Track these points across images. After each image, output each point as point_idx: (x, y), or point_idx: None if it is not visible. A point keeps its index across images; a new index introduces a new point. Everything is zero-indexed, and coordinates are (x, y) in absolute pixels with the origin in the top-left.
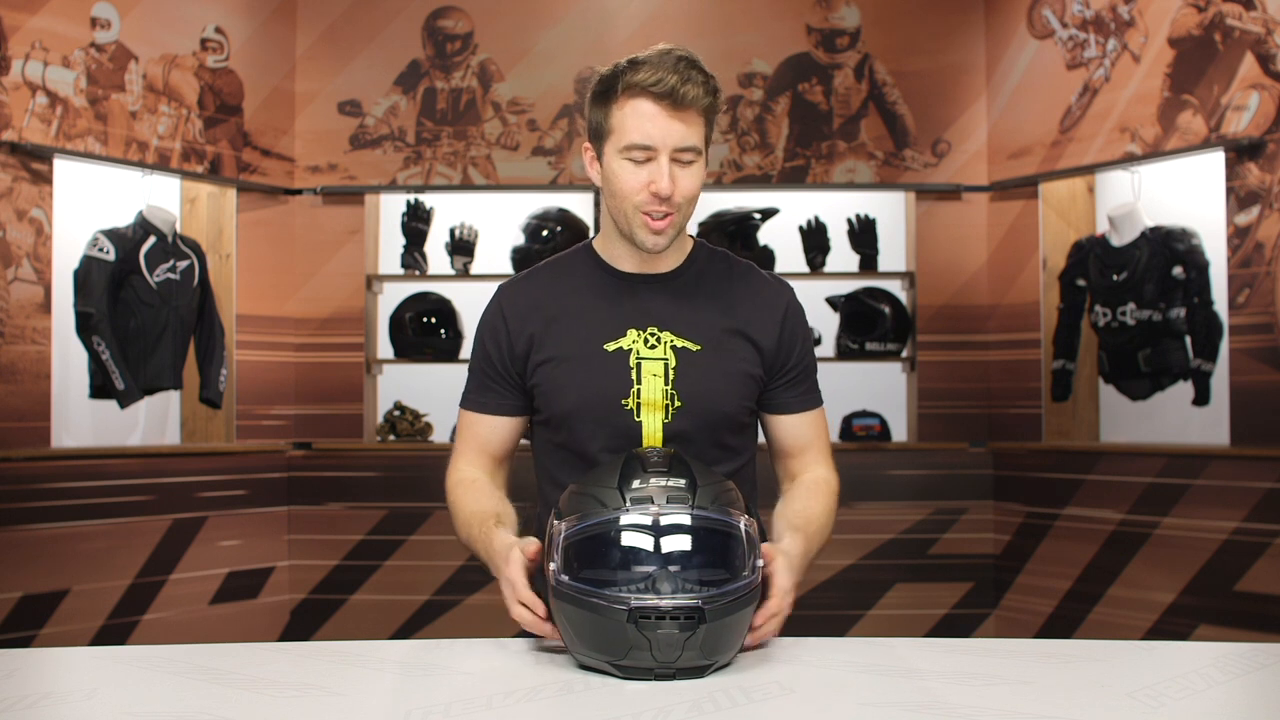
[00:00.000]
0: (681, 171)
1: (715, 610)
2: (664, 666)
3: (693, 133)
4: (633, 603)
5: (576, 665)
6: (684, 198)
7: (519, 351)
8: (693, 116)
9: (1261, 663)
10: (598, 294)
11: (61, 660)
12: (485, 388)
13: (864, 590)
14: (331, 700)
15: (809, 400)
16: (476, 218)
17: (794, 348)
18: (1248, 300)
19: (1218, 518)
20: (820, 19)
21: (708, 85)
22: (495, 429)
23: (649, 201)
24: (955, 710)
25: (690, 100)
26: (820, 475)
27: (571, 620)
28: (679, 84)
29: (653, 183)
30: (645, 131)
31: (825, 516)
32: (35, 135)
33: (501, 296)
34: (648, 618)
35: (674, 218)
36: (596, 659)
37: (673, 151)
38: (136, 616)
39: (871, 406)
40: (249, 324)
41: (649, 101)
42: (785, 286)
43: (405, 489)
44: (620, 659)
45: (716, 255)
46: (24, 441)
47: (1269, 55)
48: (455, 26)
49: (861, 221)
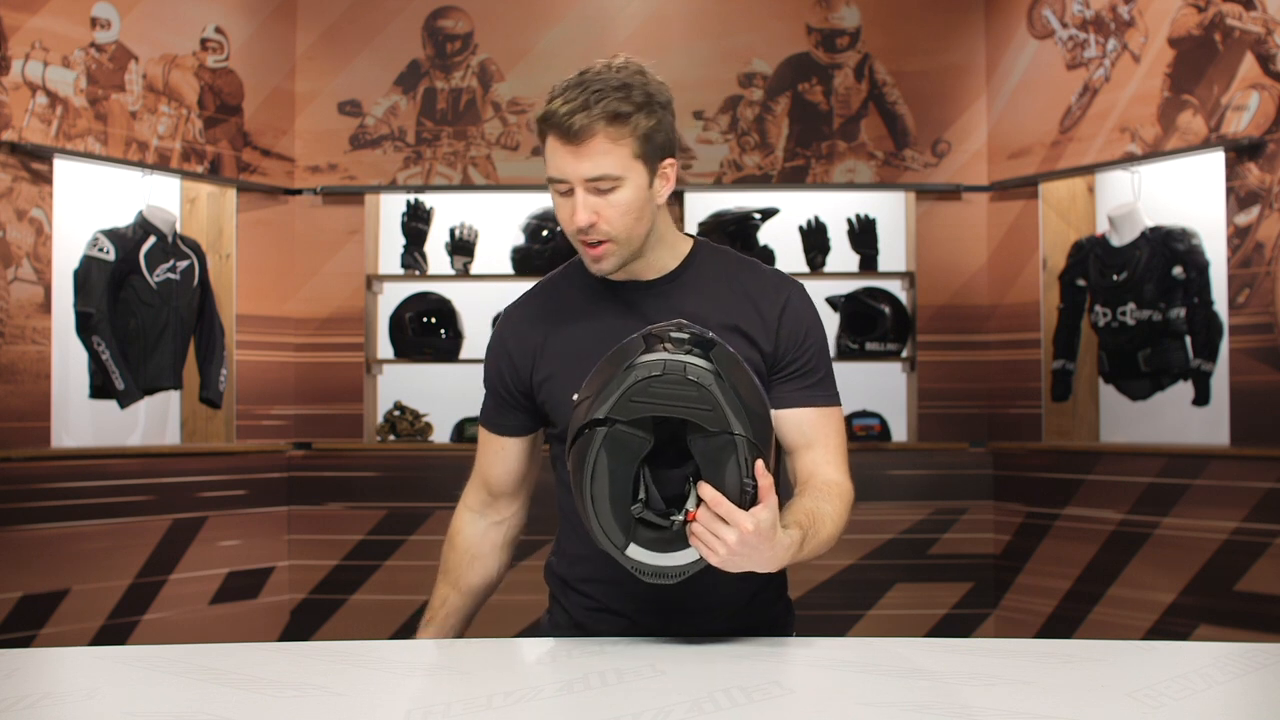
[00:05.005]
0: (603, 200)
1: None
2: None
3: (600, 163)
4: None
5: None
6: (613, 225)
7: (524, 374)
8: (596, 146)
9: (1261, 663)
10: (593, 306)
11: (61, 660)
12: (498, 407)
13: (864, 590)
14: (331, 700)
15: (813, 396)
16: (476, 218)
17: (795, 343)
18: (1248, 300)
19: (1218, 518)
20: (820, 19)
21: (612, 109)
22: (505, 451)
23: (576, 232)
24: (955, 710)
25: (583, 131)
26: (833, 479)
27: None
28: (568, 116)
29: (575, 214)
30: (556, 165)
31: (831, 521)
32: (35, 135)
33: (505, 323)
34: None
35: (610, 245)
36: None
37: (584, 183)
38: (136, 616)
39: (871, 406)
40: (249, 324)
41: (553, 136)
42: (788, 282)
43: (405, 489)
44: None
45: (717, 254)
46: (24, 441)
47: (1269, 55)
48: (455, 26)
49: (861, 221)
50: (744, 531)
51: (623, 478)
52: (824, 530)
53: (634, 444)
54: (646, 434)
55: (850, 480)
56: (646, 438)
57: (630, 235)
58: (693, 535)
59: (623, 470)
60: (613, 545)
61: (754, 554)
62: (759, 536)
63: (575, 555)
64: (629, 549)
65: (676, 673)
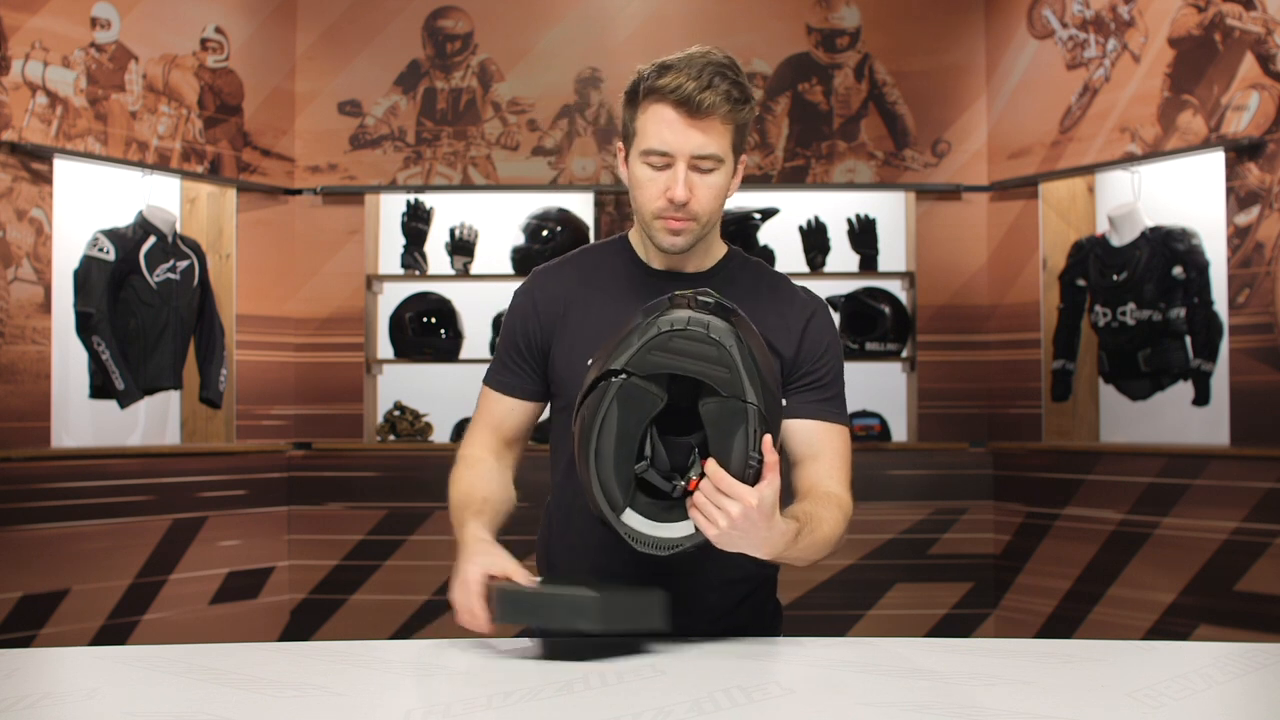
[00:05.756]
0: (700, 179)
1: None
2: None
3: (712, 141)
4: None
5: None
6: (701, 205)
7: (545, 336)
8: (714, 124)
9: (1261, 663)
10: (627, 288)
11: (61, 660)
12: (508, 368)
13: (864, 590)
14: (331, 700)
15: (825, 410)
16: (476, 218)
17: (813, 356)
18: (1248, 300)
19: (1218, 518)
20: (820, 19)
21: (731, 94)
22: (512, 411)
23: (666, 207)
24: (955, 710)
25: (708, 108)
26: (834, 491)
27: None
28: (697, 91)
29: (669, 189)
30: (663, 138)
31: (829, 525)
32: (35, 135)
33: (535, 281)
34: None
35: (692, 224)
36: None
37: (690, 159)
38: (136, 616)
39: (871, 406)
40: (249, 324)
41: (668, 107)
42: (815, 299)
43: (405, 489)
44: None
45: (749, 264)
46: (24, 441)
47: (1269, 55)
48: (455, 26)
49: (861, 221)
50: (747, 505)
51: (630, 435)
52: (820, 531)
53: (647, 400)
54: (660, 391)
55: (851, 497)
56: (660, 395)
57: (712, 219)
58: (693, 506)
59: (632, 426)
60: (610, 508)
61: (752, 531)
62: (760, 513)
63: (568, 545)
64: (625, 514)
65: (676, 673)
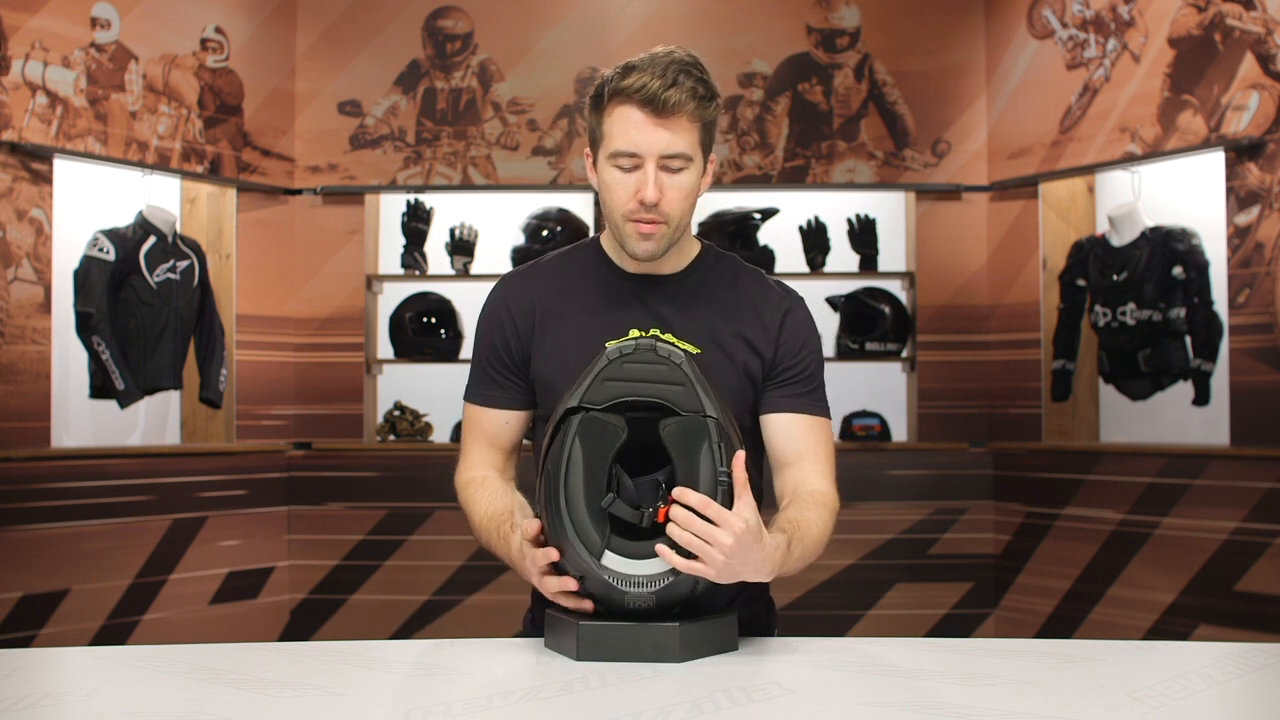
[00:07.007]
0: (670, 179)
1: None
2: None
3: (680, 139)
4: None
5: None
6: (672, 207)
7: (524, 344)
8: (681, 123)
9: (1261, 663)
10: (601, 293)
11: (61, 660)
12: (489, 380)
13: (864, 590)
14: (331, 700)
15: (805, 404)
16: (476, 218)
17: (792, 351)
18: (1248, 300)
19: (1218, 518)
20: (820, 19)
21: (697, 90)
22: (507, 423)
23: (636, 209)
24: (955, 710)
25: (674, 106)
26: (819, 489)
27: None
28: (662, 89)
29: (639, 190)
30: (630, 138)
31: (817, 529)
32: (35, 135)
33: (506, 287)
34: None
35: (663, 227)
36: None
37: (659, 159)
38: (136, 616)
39: (871, 406)
40: (249, 324)
41: (634, 108)
42: (791, 294)
43: (405, 489)
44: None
45: (724, 260)
46: (24, 441)
47: (1269, 55)
48: (455, 26)
49: (861, 221)
50: (737, 531)
51: (598, 471)
52: (809, 535)
53: (609, 432)
54: (620, 421)
55: (837, 492)
56: (620, 425)
57: (682, 220)
58: (683, 558)
59: (597, 462)
60: (589, 553)
61: (748, 557)
62: (750, 535)
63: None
64: (605, 556)
65: (676, 673)
